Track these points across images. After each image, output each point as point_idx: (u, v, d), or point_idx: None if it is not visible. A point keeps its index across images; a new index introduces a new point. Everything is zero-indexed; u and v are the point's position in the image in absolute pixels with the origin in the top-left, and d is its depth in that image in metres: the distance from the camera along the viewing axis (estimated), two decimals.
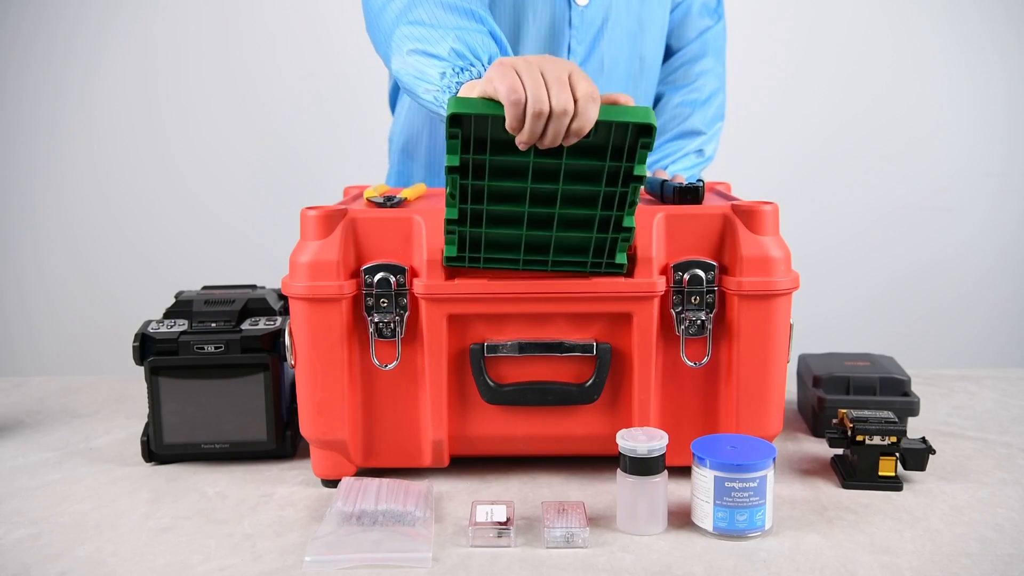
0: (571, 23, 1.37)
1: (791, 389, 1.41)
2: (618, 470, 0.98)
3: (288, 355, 1.08)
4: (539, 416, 1.10)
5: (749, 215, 1.05)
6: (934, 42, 2.69)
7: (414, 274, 1.06)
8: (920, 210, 2.74)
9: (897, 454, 1.08)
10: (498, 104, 0.91)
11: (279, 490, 1.10)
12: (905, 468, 1.08)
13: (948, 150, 2.73)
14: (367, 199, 1.16)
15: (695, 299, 1.06)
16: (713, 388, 1.09)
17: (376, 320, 1.06)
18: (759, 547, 0.94)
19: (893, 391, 1.24)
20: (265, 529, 1.00)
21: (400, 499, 1.00)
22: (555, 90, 0.89)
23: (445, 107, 1.04)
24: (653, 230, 1.06)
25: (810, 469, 1.15)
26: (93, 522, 1.02)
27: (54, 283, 2.83)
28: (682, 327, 1.07)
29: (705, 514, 0.96)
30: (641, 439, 0.97)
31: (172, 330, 1.16)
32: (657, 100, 1.57)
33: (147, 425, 1.18)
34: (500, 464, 1.15)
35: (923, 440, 1.09)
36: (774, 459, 0.96)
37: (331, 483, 1.11)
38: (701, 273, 1.06)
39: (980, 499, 1.05)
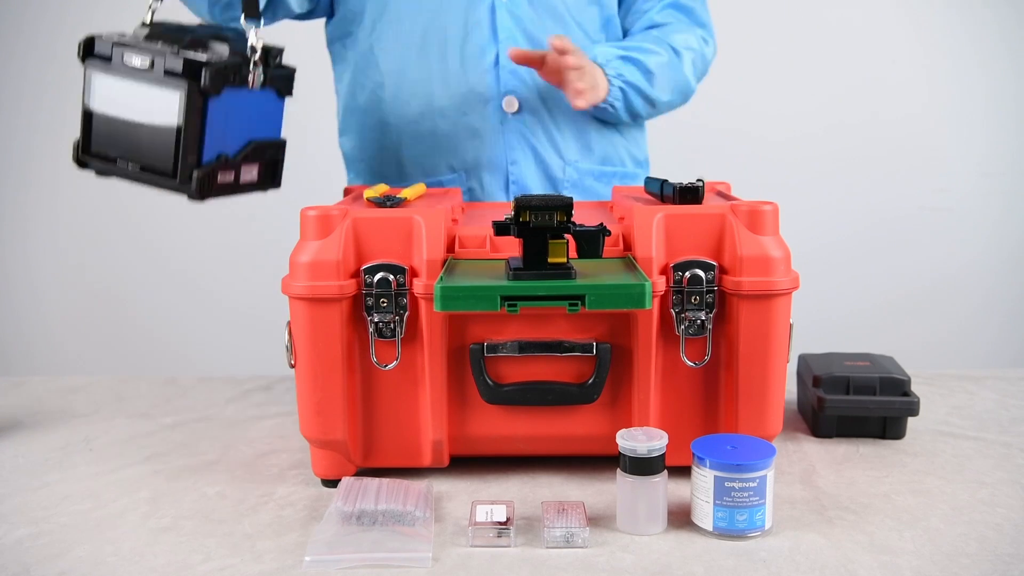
0: None
1: (791, 389, 1.41)
2: (618, 470, 0.98)
3: (288, 355, 1.08)
4: (539, 416, 1.10)
5: (749, 215, 1.05)
6: (937, 41, 2.69)
7: (414, 274, 1.06)
8: (920, 210, 2.74)
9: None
10: (485, 297, 0.95)
11: (279, 490, 1.10)
12: (581, 255, 1.00)
13: (948, 150, 2.73)
14: (367, 199, 1.16)
15: (695, 299, 1.06)
16: (713, 388, 1.09)
17: (376, 320, 1.06)
18: (759, 547, 0.94)
19: (893, 391, 1.24)
20: (265, 529, 1.00)
21: (400, 499, 1.00)
22: None
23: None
24: (653, 230, 1.06)
25: (810, 469, 1.15)
26: (93, 522, 1.02)
27: (53, 283, 2.83)
28: (682, 327, 1.07)
29: (705, 514, 0.96)
30: (641, 439, 0.97)
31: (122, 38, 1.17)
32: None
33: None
34: (500, 464, 1.15)
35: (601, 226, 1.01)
36: (774, 459, 0.97)
37: (331, 483, 1.11)
38: (701, 273, 1.06)
39: (980, 499, 1.05)
